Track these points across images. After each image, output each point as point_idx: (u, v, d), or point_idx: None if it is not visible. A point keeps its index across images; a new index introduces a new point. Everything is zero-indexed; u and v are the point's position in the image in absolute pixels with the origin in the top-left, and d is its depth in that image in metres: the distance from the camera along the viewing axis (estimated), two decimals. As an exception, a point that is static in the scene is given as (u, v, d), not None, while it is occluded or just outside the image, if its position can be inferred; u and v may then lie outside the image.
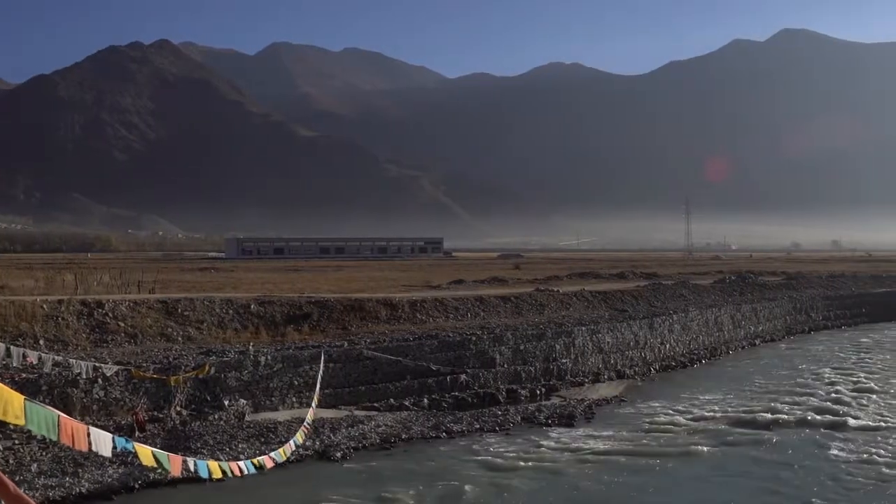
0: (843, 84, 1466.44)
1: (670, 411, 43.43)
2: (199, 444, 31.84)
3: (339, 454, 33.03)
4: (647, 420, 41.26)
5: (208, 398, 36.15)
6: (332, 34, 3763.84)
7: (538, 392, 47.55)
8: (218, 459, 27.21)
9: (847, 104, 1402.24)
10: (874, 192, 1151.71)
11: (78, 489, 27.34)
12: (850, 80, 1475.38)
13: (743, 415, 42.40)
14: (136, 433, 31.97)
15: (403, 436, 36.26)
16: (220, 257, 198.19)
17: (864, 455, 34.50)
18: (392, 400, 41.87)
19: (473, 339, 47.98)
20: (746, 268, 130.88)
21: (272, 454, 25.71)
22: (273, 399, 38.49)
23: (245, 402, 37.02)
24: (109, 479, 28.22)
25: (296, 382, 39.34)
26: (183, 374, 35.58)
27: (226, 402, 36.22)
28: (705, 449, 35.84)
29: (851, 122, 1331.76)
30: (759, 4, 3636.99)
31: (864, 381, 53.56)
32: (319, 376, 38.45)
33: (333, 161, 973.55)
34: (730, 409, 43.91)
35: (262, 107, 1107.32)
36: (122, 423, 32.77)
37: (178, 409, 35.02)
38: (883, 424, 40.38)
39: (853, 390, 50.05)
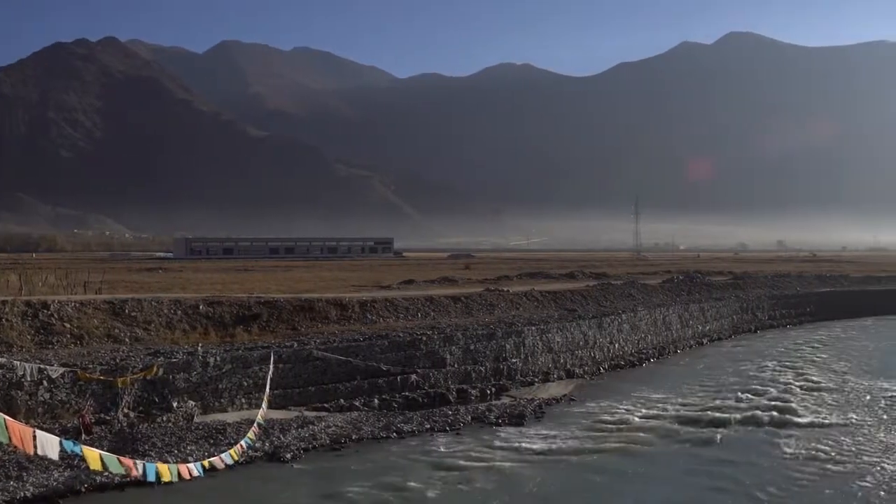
0: (788, 87, 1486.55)
1: (619, 410, 43.78)
2: (146, 447, 31.52)
3: (288, 455, 32.88)
4: (597, 419, 41.56)
5: (156, 400, 35.79)
6: (282, 33, 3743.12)
7: (488, 392, 47.65)
8: (166, 462, 26.98)
9: (791, 107, 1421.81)
10: (818, 194, 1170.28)
11: (22, 493, 26.94)
12: (795, 83, 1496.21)
13: (691, 413, 42.90)
14: (83, 436, 31.58)
15: (354, 436, 36.19)
16: (168, 257, 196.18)
17: (810, 452, 35.11)
18: (342, 400, 41.74)
19: (424, 339, 47.98)
20: (694, 268, 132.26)
21: (223, 455, 25.60)
22: (222, 400, 38.23)
23: (194, 403, 36.72)
24: (55, 483, 27.85)
25: (245, 383, 39.10)
26: (130, 375, 35.20)
27: (174, 404, 35.88)
28: (654, 447, 36.21)
29: (796, 125, 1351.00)
30: (706, 8, 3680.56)
31: (809, 379, 54.44)
32: (269, 377, 38.25)
33: (284, 161, 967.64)
34: (678, 408, 44.38)
35: (211, 106, 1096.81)
36: (69, 425, 32.34)
37: (126, 411, 34.66)
38: (827, 421, 41.10)
39: (799, 388, 50.86)
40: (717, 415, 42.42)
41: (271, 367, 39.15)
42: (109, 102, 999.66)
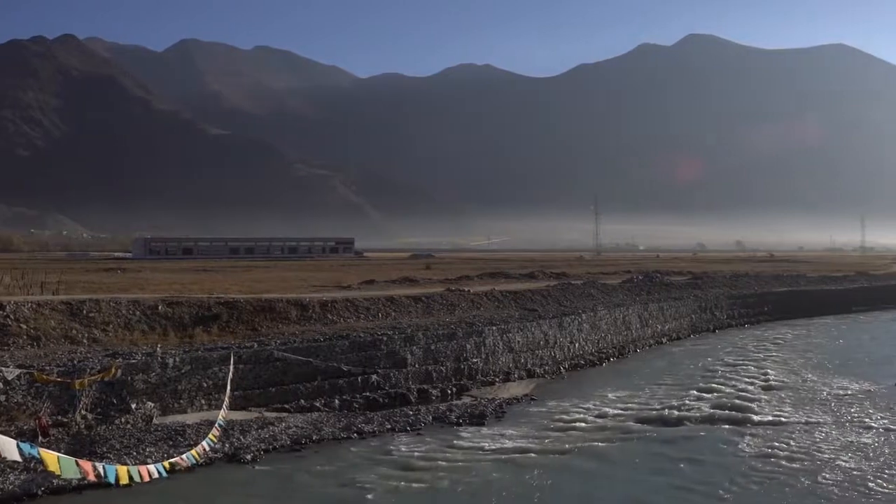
0: (746, 88, 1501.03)
1: (580, 409, 44.00)
2: (104, 449, 31.26)
3: (249, 456, 32.75)
4: (557, 418, 41.74)
5: (114, 401, 35.46)
6: (242, 32, 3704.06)
7: (449, 392, 47.69)
8: (125, 464, 26.75)
9: (749, 109, 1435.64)
10: (776, 195, 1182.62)
11: (-23, 497, 26.64)
12: (753, 85, 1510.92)
13: (651, 412, 43.21)
14: (40, 438, 31.26)
15: (314, 437, 36.10)
16: (126, 257, 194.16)
17: (769, 450, 35.50)
18: (303, 401, 41.61)
19: (385, 339, 47.95)
20: (654, 268, 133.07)
21: (185, 456, 25.44)
22: (181, 401, 37.96)
23: (153, 405, 36.44)
24: (11, 486, 27.55)
25: (205, 384, 38.86)
26: (88, 377, 34.87)
27: (133, 406, 35.59)
28: (614, 446, 36.43)
29: (754, 127, 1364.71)
30: (666, 10, 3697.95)
31: (768, 377, 55.00)
32: (229, 378, 38.05)
33: (244, 161, 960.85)
34: (638, 407, 44.68)
35: (170, 104, 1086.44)
36: (25, 428, 31.96)
37: (84, 413, 34.31)
38: (783, 419, 41.57)
39: (757, 387, 51.41)
40: (677, 413, 42.79)
41: (231, 367, 38.94)
42: (67, 101, 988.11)
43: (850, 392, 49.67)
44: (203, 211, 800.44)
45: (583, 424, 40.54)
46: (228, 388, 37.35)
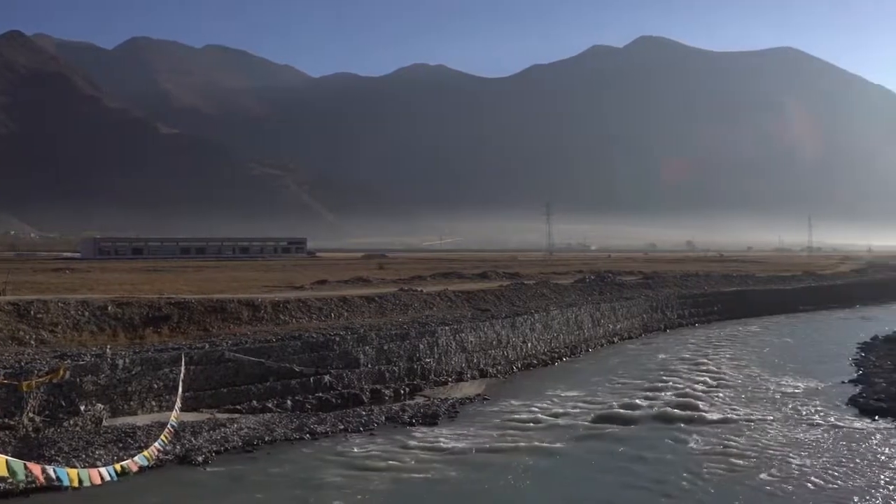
0: (697, 90, 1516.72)
1: (532, 408, 44.21)
2: (53, 452, 30.83)
3: (200, 458, 32.48)
4: (510, 418, 41.91)
5: (63, 403, 35.00)
6: (193, 30, 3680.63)
7: (402, 392, 47.69)
8: (74, 467, 26.43)
9: (700, 109, 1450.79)
10: (726, 195, 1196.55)
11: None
12: (703, 87, 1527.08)
13: (603, 411, 43.51)
14: (-14, 441, 30.80)
15: (267, 438, 35.91)
16: (75, 257, 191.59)
17: (718, 447, 35.95)
18: (255, 402, 41.38)
19: (337, 339, 47.84)
20: (606, 268, 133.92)
21: (137, 458, 25.17)
22: (132, 403, 37.56)
23: (102, 406, 36.00)
24: (-44, 490, 27.12)
25: (155, 386, 38.49)
26: (36, 378, 34.38)
27: (82, 408, 35.14)
28: (566, 445, 36.64)
29: (705, 127, 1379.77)
30: (617, 12, 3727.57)
31: (717, 376, 55.73)
32: (181, 379, 37.74)
33: (195, 160, 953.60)
34: (590, 406, 44.98)
35: (120, 103, 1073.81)
36: (-29, 430, 31.51)
37: (31, 415, 33.84)
38: (733, 417, 42.11)
39: (707, 385, 52.00)
40: (629, 412, 43.14)
41: (182, 368, 38.63)
42: (14, 98, 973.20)
43: (797, 390, 50.41)
44: (154, 211, 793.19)
45: (535, 424, 40.75)
46: (180, 389, 37.03)
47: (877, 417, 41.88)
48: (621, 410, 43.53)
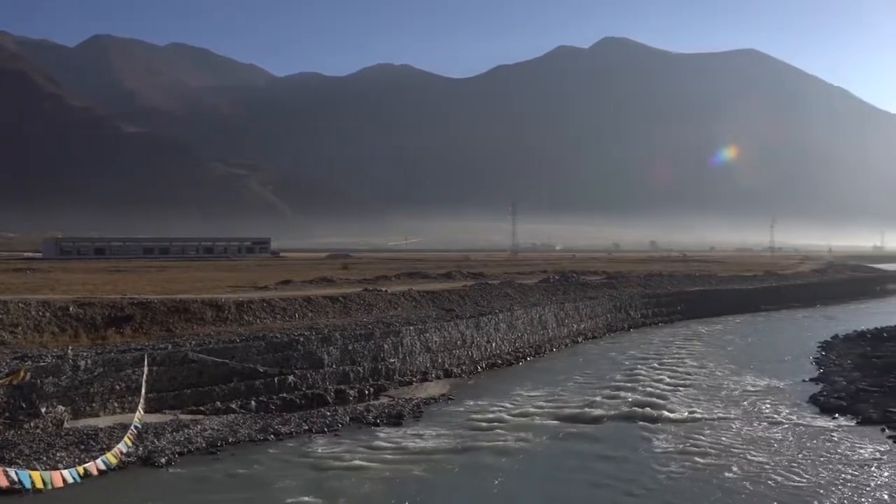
0: (661, 90, 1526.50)
1: (497, 408, 44.31)
2: (13, 454, 30.45)
3: (163, 460, 32.25)
4: (475, 417, 41.99)
5: (23, 405, 34.60)
6: (157, 29, 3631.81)
7: (367, 392, 47.64)
8: (35, 469, 26.20)
9: (665, 110, 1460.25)
10: (689, 195, 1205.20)
11: None
12: (667, 87, 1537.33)
13: (567, 410, 43.70)
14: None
15: (230, 439, 35.75)
16: (36, 257, 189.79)
17: (682, 446, 36.23)
18: (218, 403, 41.18)
19: (301, 339, 47.70)
20: (570, 267, 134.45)
21: (101, 460, 25.01)
22: (94, 405, 37.23)
23: (63, 408, 35.65)
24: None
25: (118, 387, 38.17)
26: (-4, 380, 34.06)
27: (43, 409, 34.76)
28: (531, 445, 36.76)
29: (668, 128, 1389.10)
30: (582, 13, 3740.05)
31: (681, 375, 56.13)
32: (144, 380, 37.48)
33: (158, 159, 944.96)
34: (555, 405, 45.17)
35: (83, 101, 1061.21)
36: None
37: (-9, 417, 33.49)
38: (696, 416, 42.48)
39: (671, 384, 52.35)
40: (593, 411, 43.35)
41: (145, 369, 38.37)
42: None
43: (759, 388, 50.89)
44: (116, 210, 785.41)
45: (500, 423, 40.83)
46: (143, 390, 36.78)
47: (837, 415, 42.39)
48: (586, 410, 43.74)
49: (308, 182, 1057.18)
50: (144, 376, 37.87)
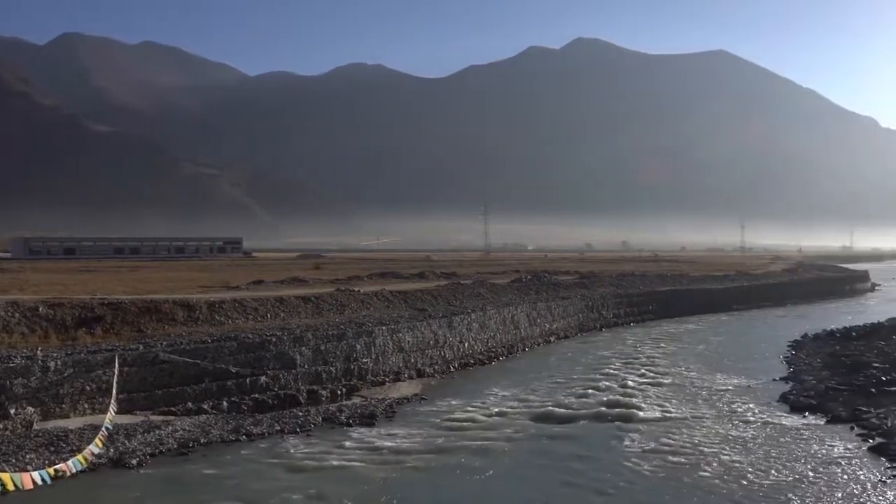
0: (632, 91, 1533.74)
1: (469, 408, 44.36)
2: (-19, 456, 30.24)
3: (134, 461, 32.05)
4: (447, 417, 42.02)
5: (-8, 406, 34.36)
6: (127, 27, 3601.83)
7: (339, 392, 47.53)
8: (4, 471, 25.97)
9: (636, 110, 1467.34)
10: (661, 195, 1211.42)
11: None
12: (638, 88, 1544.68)
13: (539, 410, 43.80)
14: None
15: (202, 440, 35.58)
16: (5, 257, 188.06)
17: (654, 445, 36.38)
18: (190, 403, 40.97)
19: (273, 340, 47.52)
20: (542, 267, 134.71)
21: (72, 461, 24.82)
22: (64, 406, 36.94)
23: (33, 409, 35.37)
24: None
25: (88, 388, 37.90)
26: (-36, 381, 33.73)
27: (12, 411, 34.49)
28: (503, 444, 36.82)
29: (640, 128, 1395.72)
30: (554, 14, 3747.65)
31: (653, 374, 56.41)
32: (114, 381, 37.23)
33: (129, 158, 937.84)
34: (526, 405, 45.27)
35: (52, 99, 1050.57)
36: None
37: (-41, 418, 33.18)
38: (668, 415, 42.71)
39: (643, 383, 52.60)
40: (566, 411, 43.49)
41: (116, 370, 38.11)
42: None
43: (731, 387, 51.21)
44: (86, 210, 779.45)
45: (473, 423, 40.91)
46: (114, 391, 36.53)
47: (807, 414, 42.72)
48: (558, 409, 43.87)
49: (280, 182, 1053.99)
50: (115, 377, 37.60)
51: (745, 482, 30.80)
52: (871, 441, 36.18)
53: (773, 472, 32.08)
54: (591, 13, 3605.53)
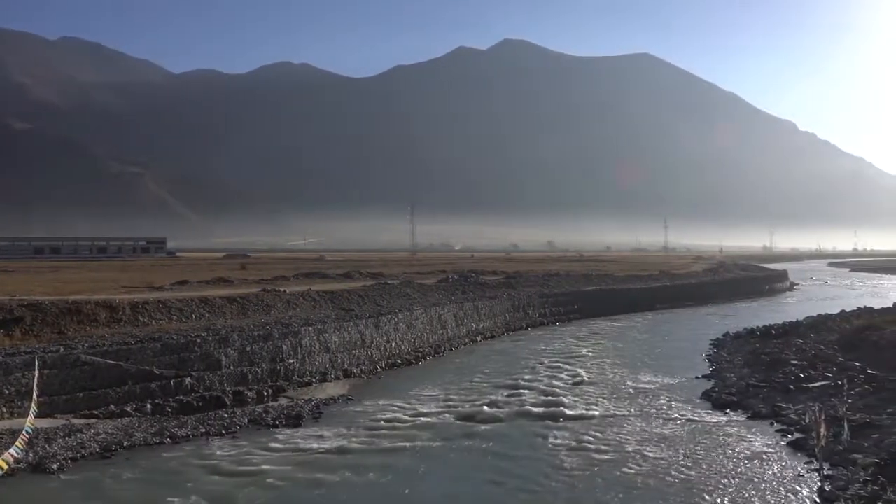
0: (558, 92, 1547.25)
1: (397, 408, 44.40)
2: None
3: (55, 466, 31.49)
4: (374, 417, 42.00)
5: None
6: (47, 21, 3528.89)
7: (265, 393, 47.23)
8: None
9: (561, 112, 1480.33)
10: (585, 196, 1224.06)
11: None
12: (564, 89, 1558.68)
13: (466, 409, 43.99)
14: None
15: (125, 443, 35.08)
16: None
17: (578, 443, 36.78)
18: (113, 406, 40.37)
19: (198, 341, 47.02)
20: (469, 267, 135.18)
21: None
22: (-19, 410, 36.16)
23: (-51, 413, 34.58)
24: None
25: (6, 392, 37.13)
26: None
27: (-73, 415, 33.69)
28: (430, 444, 36.91)
29: (565, 130, 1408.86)
30: (482, 15, 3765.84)
31: (578, 373, 56.88)
32: (35, 384, 36.53)
33: (50, 156, 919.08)
34: (453, 405, 45.42)
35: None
36: None
37: None
38: (593, 413, 43.22)
39: (568, 382, 53.12)
40: (492, 410, 43.72)
41: (36, 372, 37.38)
42: None
43: (654, 386, 51.93)
44: (4, 208, 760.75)
45: (400, 423, 40.96)
46: (34, 394, 35.86)
47: (728, 411, 43.50)
48: (485, 408, 44.09)
49: (206, 181, 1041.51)
50: (35, 380, 36.90)
51: (668, 478, 31.29)
52: (790, 436, 36.99)
53: (695, 467, 32.65)
54: (518, 14, 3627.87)
